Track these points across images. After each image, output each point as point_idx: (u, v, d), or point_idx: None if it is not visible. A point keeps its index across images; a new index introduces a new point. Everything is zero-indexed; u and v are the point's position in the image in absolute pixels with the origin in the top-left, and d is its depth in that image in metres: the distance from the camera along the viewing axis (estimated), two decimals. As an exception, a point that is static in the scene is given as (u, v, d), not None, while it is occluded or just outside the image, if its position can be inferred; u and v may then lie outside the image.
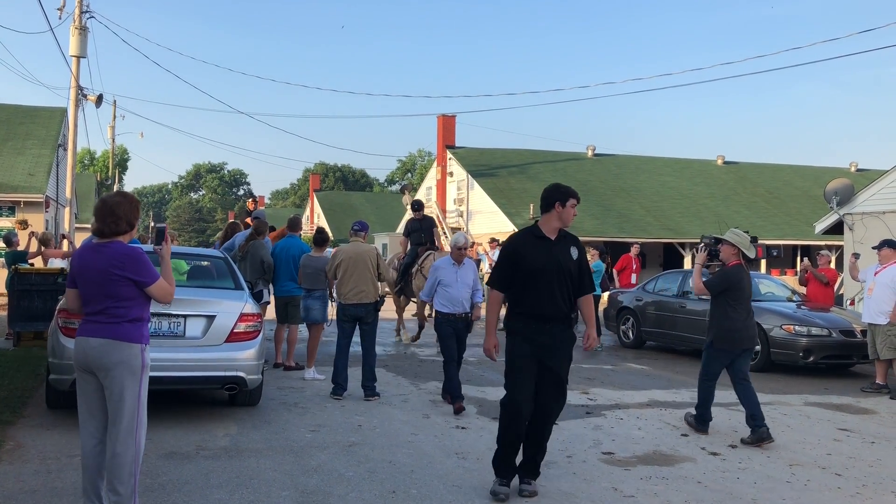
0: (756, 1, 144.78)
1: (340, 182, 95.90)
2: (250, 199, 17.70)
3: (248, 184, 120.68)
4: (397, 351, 13.18)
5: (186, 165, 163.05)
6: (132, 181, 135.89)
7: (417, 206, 14.92)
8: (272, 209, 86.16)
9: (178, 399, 8.23)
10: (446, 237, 33.66)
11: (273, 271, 10.51)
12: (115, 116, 43.75)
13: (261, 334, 7.60)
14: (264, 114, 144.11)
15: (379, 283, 9.11)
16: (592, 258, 14.94)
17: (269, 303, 10.88)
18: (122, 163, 66.07)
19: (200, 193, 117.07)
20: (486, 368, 11.32)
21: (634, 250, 17.17)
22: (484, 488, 5.55)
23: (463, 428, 7.44)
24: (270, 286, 10.72)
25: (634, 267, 16.63)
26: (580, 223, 29.32)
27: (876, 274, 10.36)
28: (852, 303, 15.83)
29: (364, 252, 8.91)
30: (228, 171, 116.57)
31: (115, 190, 39.79)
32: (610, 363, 12.51)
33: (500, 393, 9.16)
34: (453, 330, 8.37)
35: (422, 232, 14.41)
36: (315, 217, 60.33)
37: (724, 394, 9.82)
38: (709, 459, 6.58)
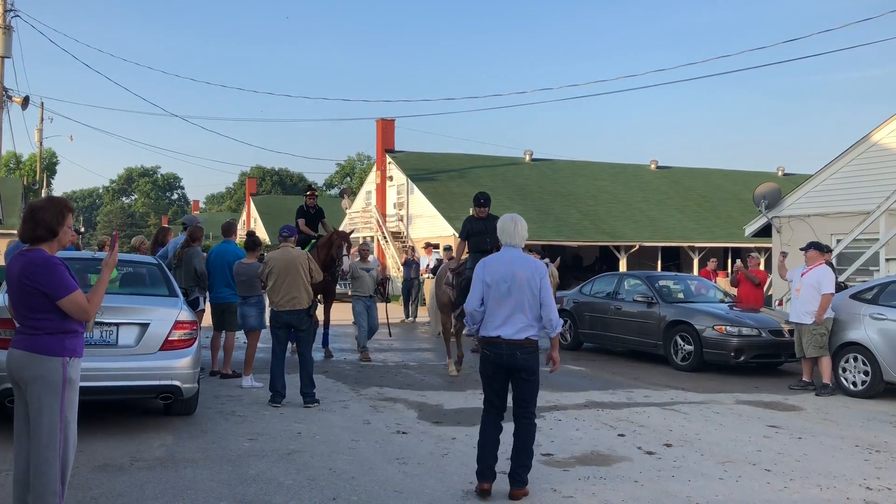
0: (687, 10, 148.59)
1: (278, 186, 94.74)
2: (309, 192, 14.01)
3: (182, 188, 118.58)
4: (337, 357, 13.08)
5: (118, 169, 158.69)
6: (61, 185, 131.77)
7: (484, 200, 11.33)
8: (207, 214, 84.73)
9: (111, 409, 8.01)
10: (387, 242, 33.59)
11: (207, 279, 10.37)
12: (42, 119, 42.45)
13: (196, 342, 7.47)
14: (199, 116, 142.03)
15: (312, 289, 9.04)
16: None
17: (204, 310, 10.70)
18: (50, 166, 64.09)
19: (133, 198, 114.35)
20: (426, 372, 11.31)
21: (712, 265, 16.80)
22: (425, 493, 5.56)
23: (404, 433, 7.43)
24: (207, 293, 10.58)
25: (713, 281, 16.01)
26: (518, 227, 29.58)
27: (802, 275, 10.73)
28: (780, 303, 16.36)
29: (294, 258, 8.84)
30: (162, 174, 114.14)
31: (42, 194, 38.51)
32: (548, 365, 12.60)
33: (442, 397, 9.22)
34: (498, 367, 5.57)
35: (486, 234, 11.03)
36: (252, 222, 59.49)
37: (659, 393, 10.05)
38: (645, 459, 6.71)
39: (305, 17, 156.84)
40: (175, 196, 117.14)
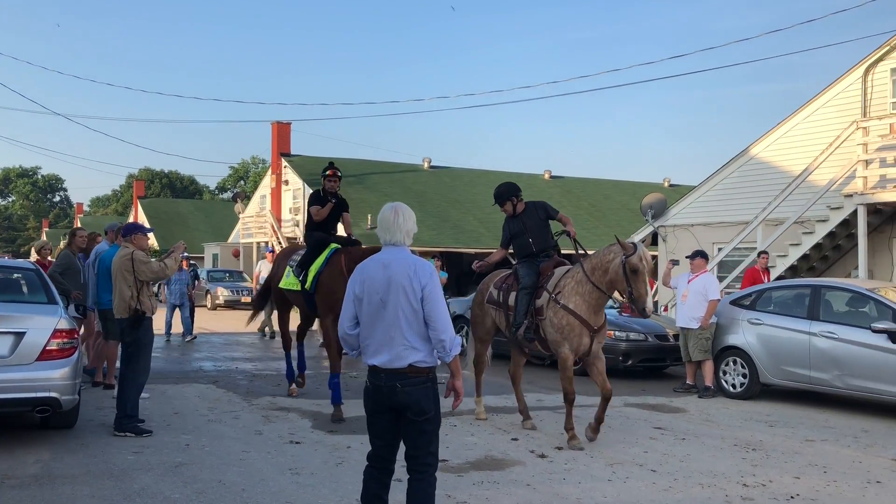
0: (577, 25, 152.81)
1: (167, 189, 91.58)
2: (330, 171, 9.79)
3: (65, 190, 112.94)
4: (227, 365, 12.73)
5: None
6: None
7: (502, 194, 8.71)
8: (92, 217, 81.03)
9: (-19, 424, 7.53)
10: (280, 245, 32.99)
11: (63, 286, 9.78)
12: None
13: (77, 351, 7.12)
14: (83, 115, 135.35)
15: (145, 296, 7.66)
16: (439, 267, 15.28)
17: (83, 318, 10.21)
18: (-84, 165, 59.96)
19: (10, 200, 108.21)
20: (321, 381, 11.16)
21: (763, 262, 14.18)
22: (318, 503, 5.47)
23: (297, 443, 7.30)
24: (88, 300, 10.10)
25: (766, 281, 13.69)
26: (418, 234, 29.66)
27: (689, 282, 11.18)
28: (665, 309, 17.00)
29: (117, 260, 7.86)
30: (42, 175, 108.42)
31: None
32: (442, 371, 12.66)
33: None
34: (377, 404, 4.29)
35: (527, 233, 8.53)
36: (140, 226, 57.29)
37: (551, 397, 10.25)
38: (537, 462, 6.83)
39: (195, 15, 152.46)
40: (57, 199, 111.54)
